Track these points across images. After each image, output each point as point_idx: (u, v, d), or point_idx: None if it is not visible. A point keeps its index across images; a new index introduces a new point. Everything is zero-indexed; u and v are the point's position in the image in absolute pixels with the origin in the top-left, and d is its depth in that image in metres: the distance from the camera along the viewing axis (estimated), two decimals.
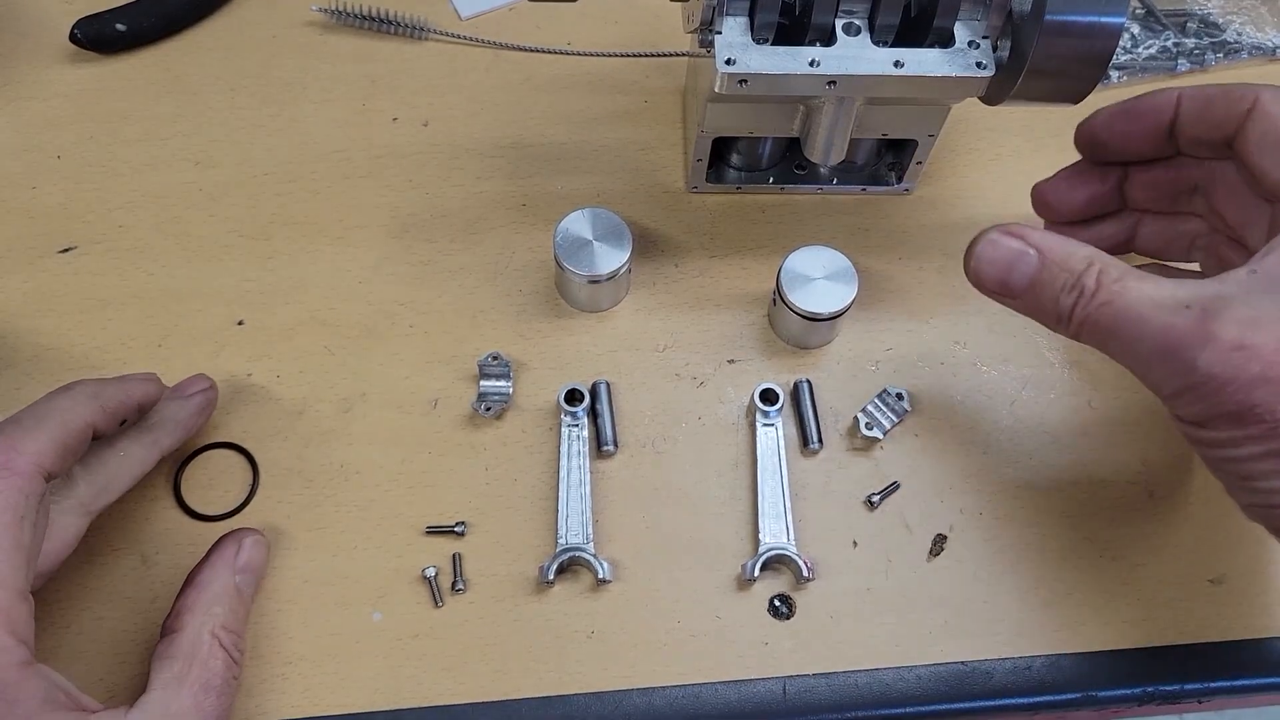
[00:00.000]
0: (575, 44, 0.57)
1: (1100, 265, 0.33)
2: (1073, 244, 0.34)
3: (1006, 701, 0.40)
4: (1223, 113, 0.36)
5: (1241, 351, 0.29)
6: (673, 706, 0.40)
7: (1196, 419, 0.31)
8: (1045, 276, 0.34)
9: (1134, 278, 0.32)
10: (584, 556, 0.41)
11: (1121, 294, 0.32)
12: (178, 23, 0.56)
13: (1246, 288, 0.31)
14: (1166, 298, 0.31)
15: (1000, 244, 0.35)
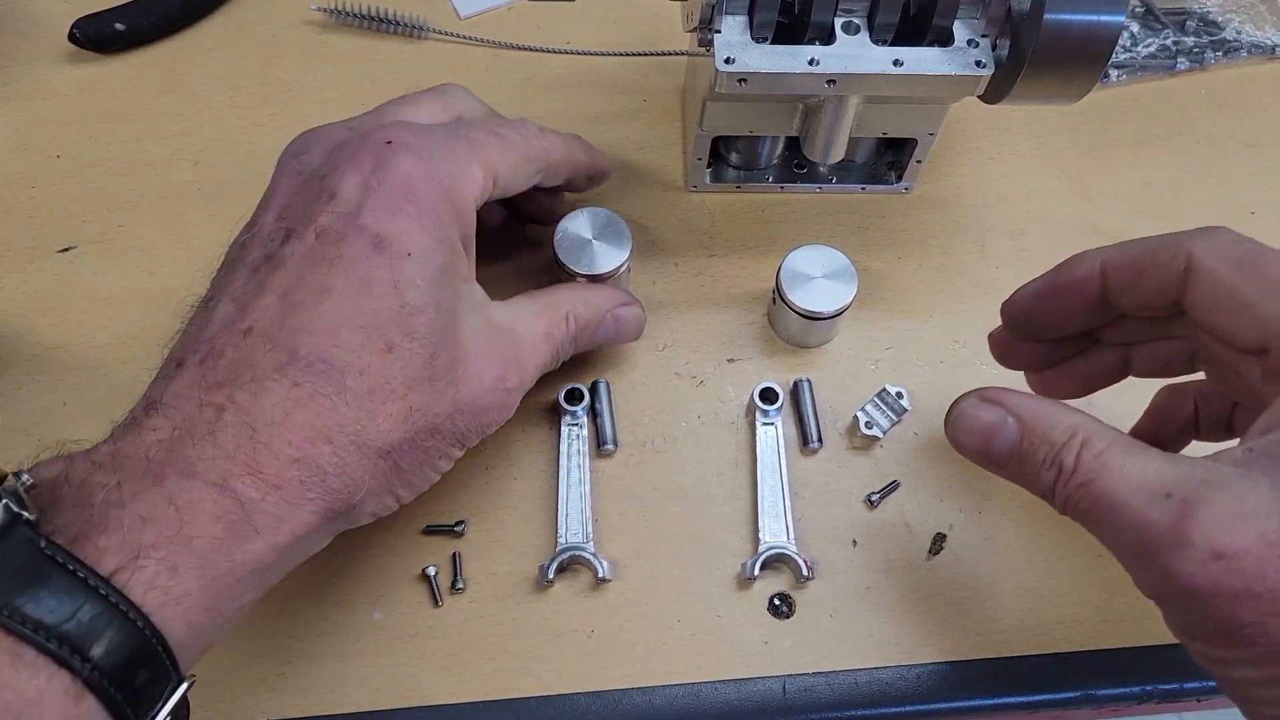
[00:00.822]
0: (575, 43, 0.56)
1: (1083, 436, 0.29)
2: (1057, 411, 0.30)
3: (1006, 700, 0.40)
4: (1156, 281, 0.31)
5: (1220, 562, 0.25)
6: (672, 705, 0.40)
7: (1184, 630, 0.27)
8: (1026, 448, 0.30)
9: (1118, 452, 0.28)
10: (584, 555, 0.41)
11: (1100, 475, 0.28)
12: (177, 22, 0.56)
13: (1239, 470, 0.26)
14: (1149, 482, 0.27)
15: (976, 414, 0.31)
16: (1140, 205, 0.53)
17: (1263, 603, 0.24)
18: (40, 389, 0.45)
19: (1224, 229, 0.31)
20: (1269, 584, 0.24)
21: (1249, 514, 0.25)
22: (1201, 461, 0.27)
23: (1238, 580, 0.25)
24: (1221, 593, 0.25)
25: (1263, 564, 0.24)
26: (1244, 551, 0.24)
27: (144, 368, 0.45)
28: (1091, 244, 0.34)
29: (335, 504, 0.31)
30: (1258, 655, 0.25)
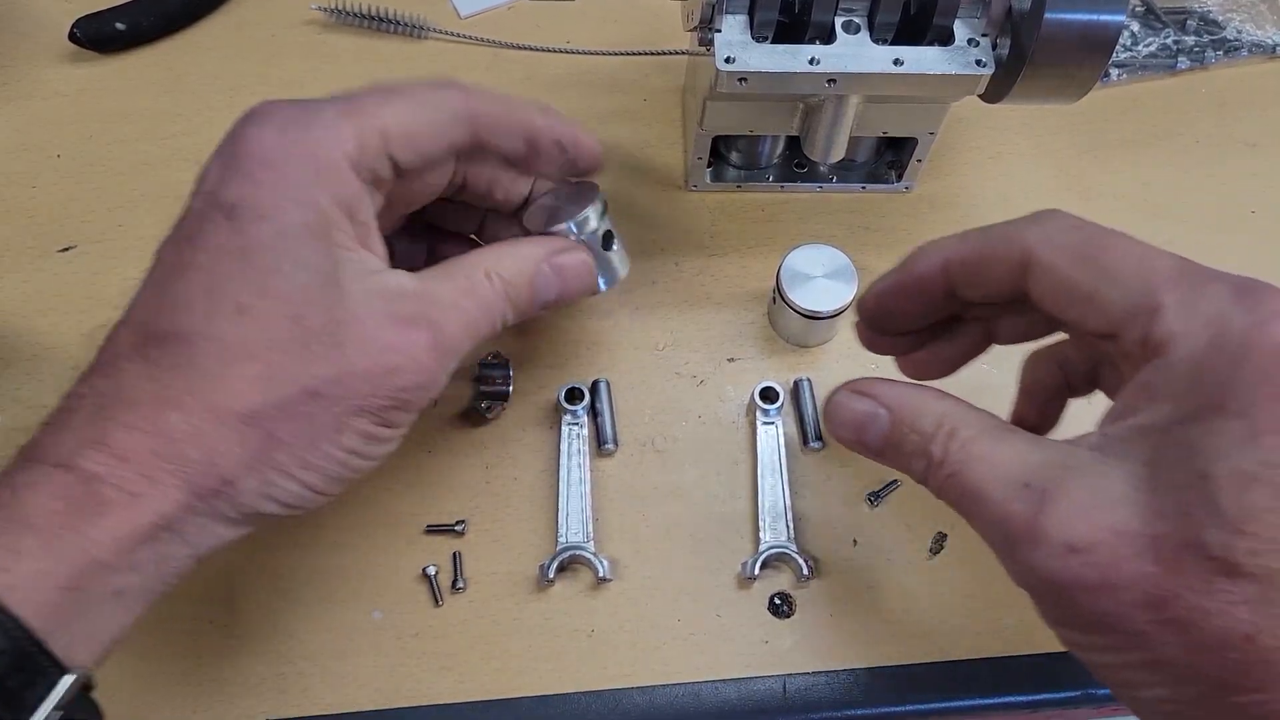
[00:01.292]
0: (575, 42, 0.56)
1: (949, 426, 0.29)
2: (926, 400, 0.30)
3: (1007, 699, 0.40)
4: (997, 276, 0.31)
5: (1075, 555, 0.25)
6: (673, 705, 0.40)
7: (1052, 619, 0.27)
8: (896, 438, 0.30)
9: (983, 441, 0.28)
10: (584, 555, 0.41)
11: (966, 465, 0.28)
12: (177, 22, 0.56)
13: (1094, 455, 0.26)
14: (1011, 471, 0.27)
15: (849, 405, 0.31)
16: (1140, 204, 0.53)
17: (1120, 592, 0.25)
18: (40, 389, 0.45)
19: (1059, 214, 0.30)
20: (1124, 574, 0.24)
21: (1101, 504, 0.25)
22: (1061, 446, 0.27)
23: (1093, 572, 0.25)
24: (1080, 585, 0.25)
25: (1116, 554, 0.25)
26: (1098, 544, 0.25)
27: None
28: None
29: (199, 478, 0.29)
30: (1120, 642, 0.25)
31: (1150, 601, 0.24)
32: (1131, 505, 0.25)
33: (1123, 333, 0.27)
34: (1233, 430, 0.24)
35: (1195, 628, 0.24)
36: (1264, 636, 0.23)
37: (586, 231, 0.37)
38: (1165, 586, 0.24)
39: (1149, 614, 0.24)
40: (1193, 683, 0.25)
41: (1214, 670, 0.24)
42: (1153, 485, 0.25)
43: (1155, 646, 0.25)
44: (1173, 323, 0.26)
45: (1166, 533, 0.24)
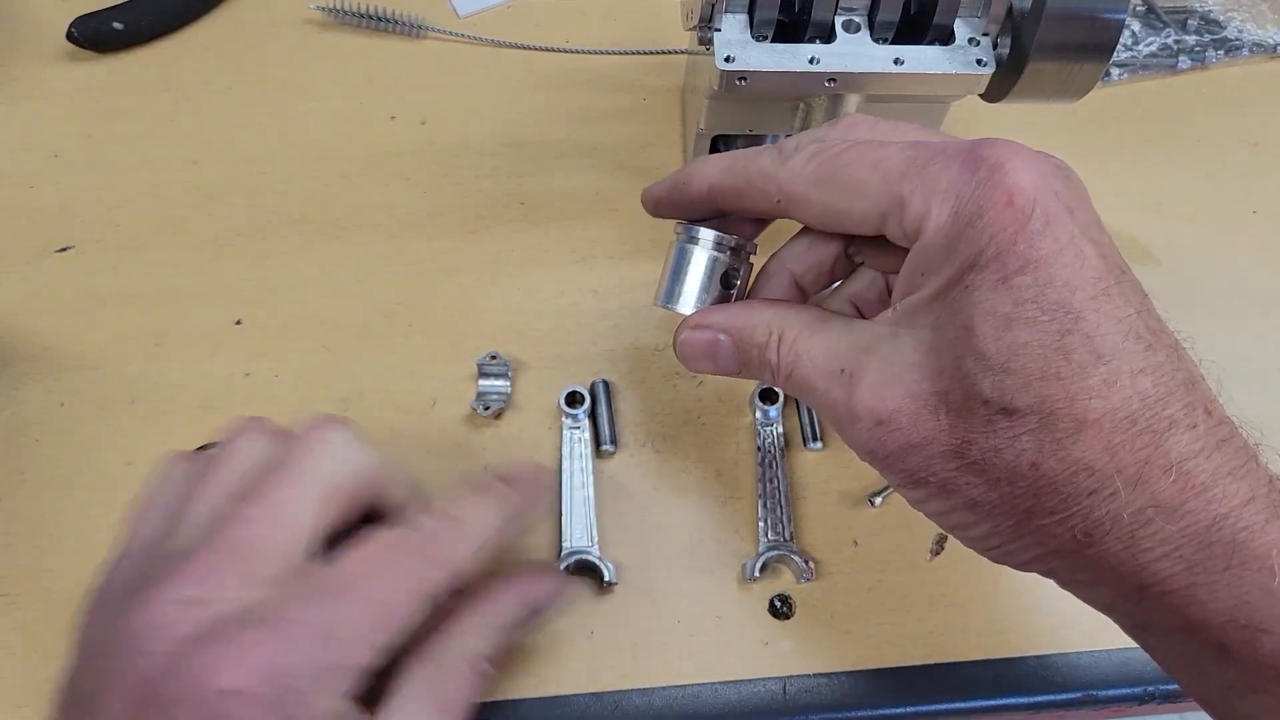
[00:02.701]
0: (574, 41, 0.56)
1: (778, 331, 0.32)
2: (755, 312, 0.33)
3: (1007, 701, 0.40)
4: (760, 207, 0.33)
5: (881, 426, 0.28)
6: (672, 707, 0.40)
7: (890, 482, 0.30)
8: (743, 357, 0.33)
9: (806, 337, 0.31)
10: (589, 559, 0.41)
11: (796, 362, 0.31)
12: (175, 21, 0.56)
13: (890, 329, 0.29)
14: (830, 360, 0.30)
15: (693, 339, 0.34)
16: (1141, 204, 0.53)
17: (923, 449, 0.28)
18: (38, 389, 0.45)
19: (806, 141, 0.31)
20: (923, 433, 0.27)
21: (898, 375, 0.28)
22: (867, 327, 0.30)
23: (900, 437, 0.28)
24: (891, 450, 0.28)
25: (915, 418, 0.28)
26: (897, 412, 0.28)
27: (142, 368, 0.46)
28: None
29: None
30: (937, 492, 0.28)
31: (950, 452, 0.27)
32: (920, 370, 0.28)
33: (886, 230, 0.30)
34: (985, 280, 0.26)
35: (990, 466, 0.27)
36: (1047, 461, 0.26)
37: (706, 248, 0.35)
38: (958, 435, 0.27)
39: (953, 463, 0.27)
40: (1005, 515, 0.27)
41: (1016, 501, 0.27)
42: (934, 348, 0.28)
43: (965, 490, 0.27)
44: (917, 208, 0.28)
45: (949, 387, 0.27)
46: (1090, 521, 0.26)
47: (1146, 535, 0.26)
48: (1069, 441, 0.26)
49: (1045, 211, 0.27)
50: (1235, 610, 0.25)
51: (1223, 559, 0.25)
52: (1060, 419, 0.26)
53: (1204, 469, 0.25)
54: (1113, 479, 0.25)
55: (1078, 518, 0.26)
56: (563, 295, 0.49)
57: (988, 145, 0.28)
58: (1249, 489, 0.25)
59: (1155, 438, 0.25)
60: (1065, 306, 0.26)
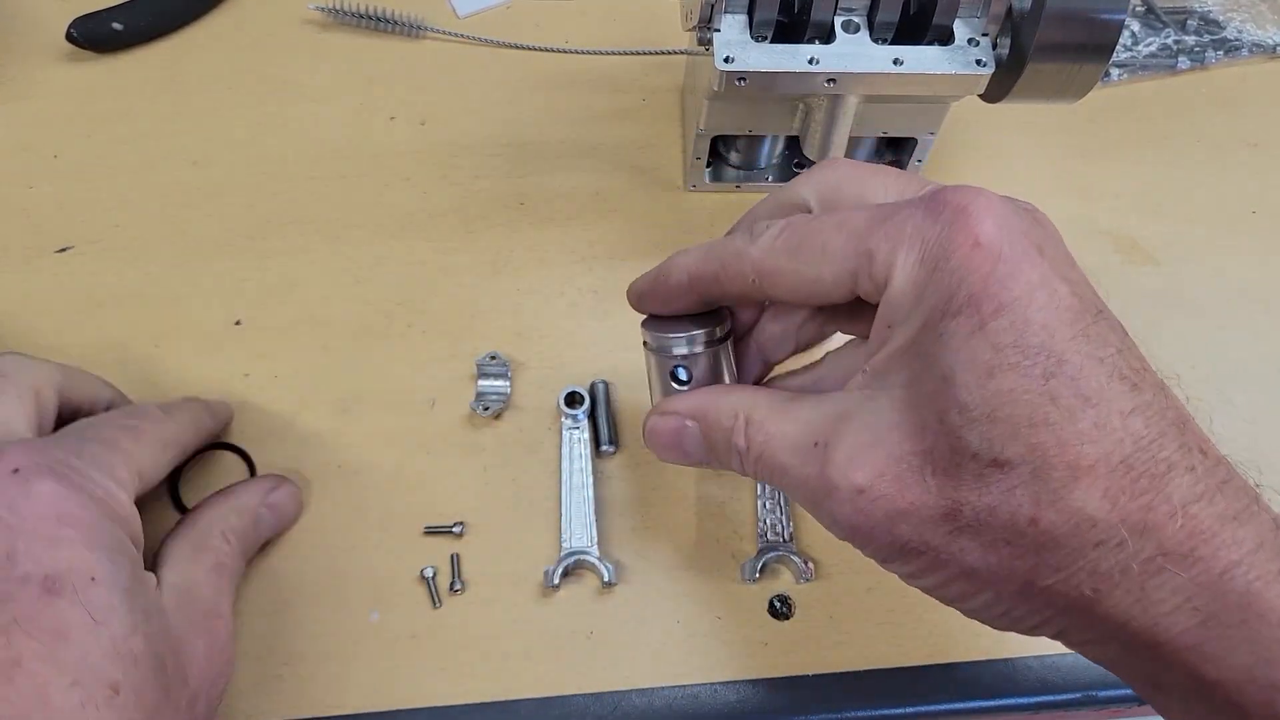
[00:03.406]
0: (573, 42, 0.56)
1: (745, 414, 0.30)
2: (721, 397, 0.31)
3: (1007, 701, 0.40)
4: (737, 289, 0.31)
5: (862, 495, 0.26)
6: (672, 707, 0.40)
7: (876, 558, 0.28)
8: (710, 442, 0.31)
9: (775, 417, 0.29)
10: (589, 560, 0.41)
11: (765, 444, 0.29)
12: (174, 21, 0.56)
13: (864, 394, 0.27)
14: (800, 436, 0.28)
15: (660, 426, 0.32)
16: (1141, 205, 0.53)
17: (910, 517, 0.25)
18: None
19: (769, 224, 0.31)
20: (909, 499, 0.25)
21: (876, 438, 0.26)
22: (837, 397, 0.28)
23: (883, 505, 0.26)
24: (875, 521, 0.26)
25: (898, 482, 0.25)
26: (879, 477, 0.26)
27: (141, 369, 0.45)
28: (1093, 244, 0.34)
29: None
30: (930, 563, 0.26)
31: (941, 516, 0.25)
32: (900, 429, 0.26)
33: (859, 289, 0.28)
34: (959, 327, 0.25)
35: (986, 527, 0.25)
36: (1046, 514, 0.24)
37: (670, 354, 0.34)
38: (948, 496, 0.25)
39: (944, 528, 0.25)
40: (1006, 581, 0.25)
41: (1018, 563, 0.25)
42: (912, 404, 0.26)
43: (961, 558, 0.25)
44: (884, 260, 0.27)
45: (933, 444, 0.25)
46: (1098, 575, 0.24)
47: (1157, 586, 0.24)
48: (1066, 491, 0.24)
49: (1014, 251, 0.25)
50: (1253, 668, 0.23)
51: (1237, 611, 0.23)
52: (1054, 467, 0.24)
53: (1209, 514, 0.24)
54: (1117, 528, 0.24)
55: (1084, 572, 0.24)
56: (563, 295, 0.49)
57: (950, 190, 0.27)
58: (1256, 534, 0.24)
59: (1155, 481, 0.24)
60: (1046, 349, 0.24)
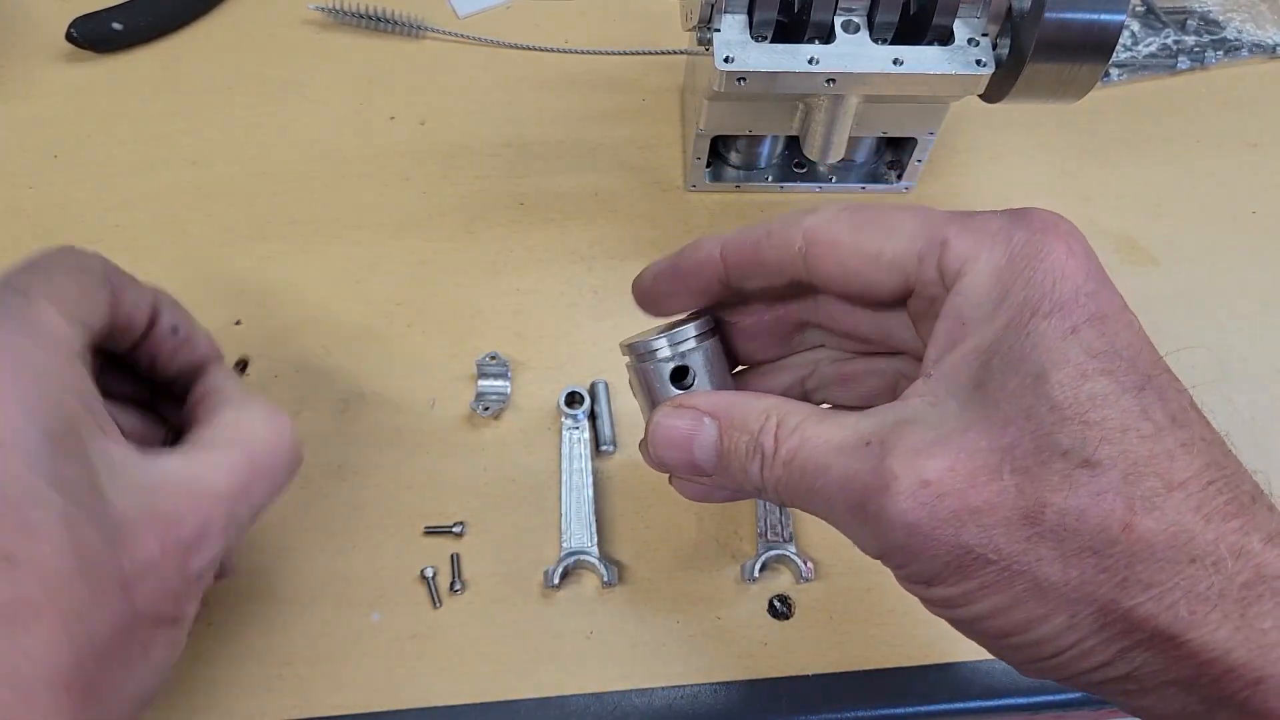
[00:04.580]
0: (573, 42, 0.56)
1: (778, 417, 0.27)
2: (749, 399, 0.29)
3: (1007, 701, 0.40)
4: (775, 259, 0.29)
5: (928, 488, 0.23)
6: (672, 707, 0.40)
7: (919, 579, 0.26)
8: (727, 445, 0.28)
9: (814, 421, 0.27)
10: (589, 560, 0.41)
11: (800, 445, 0.27)
12: (174, 21, 0.56)
13: (925, 400, 0.26)
14: (848, 437, 0.26)
15: (672, 422, 0.29)
16: (1141, 204, 0.53)
17: (984, 516, 0.23)
18: None
19: (829, 204, 0.30)
20: (985, 495, 0.23)
21: (944, 437, 0.24)
22: (889, 407, 0.26)
23: (952, 502, 0.23)
24: (940, 520, 0.23)
25: (971, 479, 0.23)
26: (949, 472, 0.23)
27: None
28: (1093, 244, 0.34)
29: None
30: (995, 576, 0.23)
31: (1019, 517, 0.23)
32: (974, 427, 0.24)
33: (918, 277, 0.27)
34: (1052, 328, 0.24)
35: (1071, 532, 0.23)
36: (1141, 520, 0.22)
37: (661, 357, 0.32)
38: (1029, 495, 0.23)
39: (1021, 531, 0.23)
40: (1084, 601, 0.23)
41: (1102, 578, 0.23)
42: (990, 401, 0.24)
43: (1035, 570, 0.23)
44: (962, 248, 0.26)
45: (1015, 440, 0.23)
46: (1194, 596, 0.22)
47: (1259, 615, 0.22)
48: (1161, 500, 0.22)
49: (1100, 272, 0.25)
50: None
51: None
52: (1147, 476, 0.22)
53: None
54: (1215, 545, 0.22)
55: (1179, 591, 0.22)
56: (562, 295, 0.49)
57: (1032, 209, 0.26)
58: None
59: (1243, 509, 0.23)
60: (1135, 365, 0.24)
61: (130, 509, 0.27)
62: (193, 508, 0.29)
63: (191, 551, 0.28)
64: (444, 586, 0.41)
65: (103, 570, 0.26)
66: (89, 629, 0.25)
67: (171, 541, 0.28)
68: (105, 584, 0.26)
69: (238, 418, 0.33)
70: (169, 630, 0.28)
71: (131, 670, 0.27)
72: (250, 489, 0.32)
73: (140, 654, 0.27)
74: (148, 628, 0.27)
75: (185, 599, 0.29)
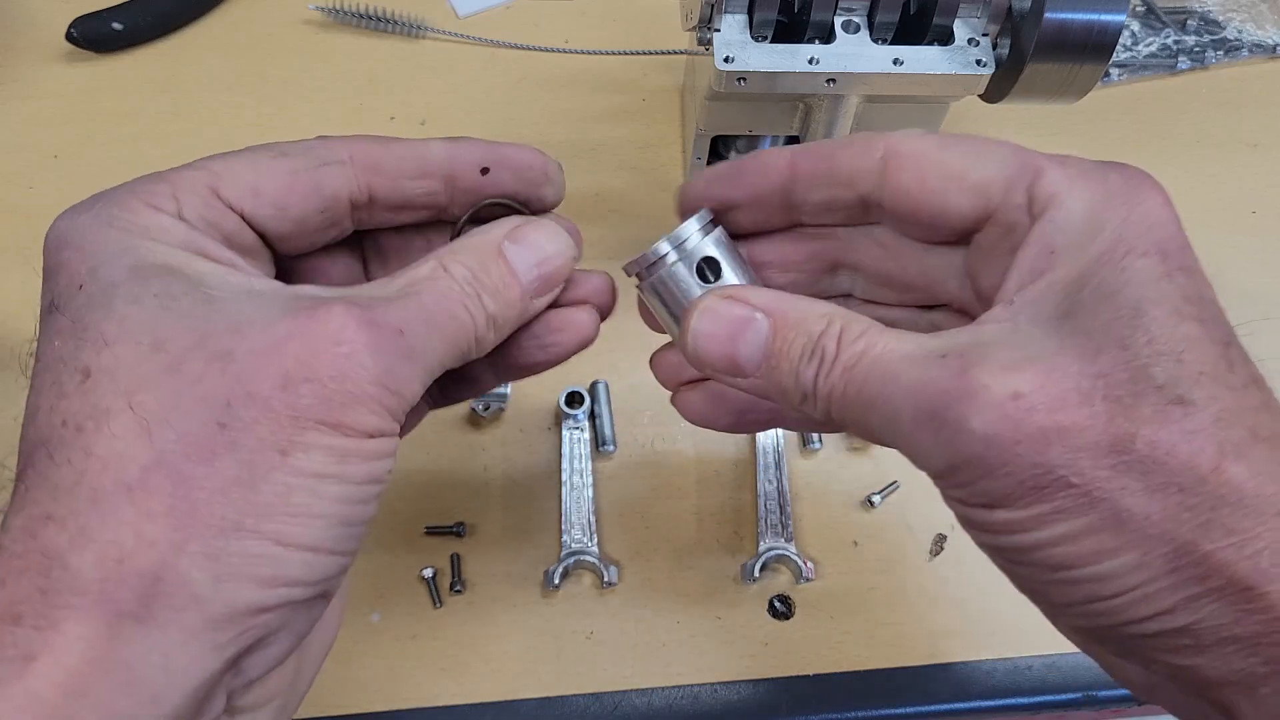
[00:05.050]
0: (573, 42, 0.56)
1: (841, 322, 0.26)
2: (808, 301, 0.27)
3: (1008, 702, 0.40)
4: (849, 169, 0.28)
5: (1019, 401, 0.22)
6: (672, 707, 0.40)
7: (984, 499, 0.24)
8: (779, 345, 0.27)
9: (879, 331, 0.26)
10: (589, 560, 0.41)
11: (866, 352, 0.25)
12: (174, 21, 0.56)
13: (1005, 326, 0.25)
14: (916, 350, 0.25)
15: (719, 312, 0.27)
16: None
17: (1072, 437, 0.22)
18: None
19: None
20: (1074, 417, 0.22)
21: (1033, 357, 0.23)
22: (965, 328, 0.25)
23: (1042, 417, 0.22)
24: (1026, 435, 0.22)
25: (1062, 398, 0.22)
26: (1039, 388, 0.22)
27: None
28: None
29: (110, 591, 0.21)
30: (1073, 501, 0.22)
31: (1107, 443, 0.22)
32: (1065, 352, 0.23)
33: (1003, 202, 0.26)
34: (1148, 268, 0.24)
35: (1159, 465, 0.22)
36: (1230, 464, 0.21)
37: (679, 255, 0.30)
38: (1119, 424, 0.22)
39: (1108, 459, 0.22)
40: (1160, 540, 0.22)
41: (1185, 516, 0.22)
42: (1081, 329, 0.23)
43: (1117, 499, 0.22)
44: (1059, 180, 0.26)
45: (1108, 368, 0.22)
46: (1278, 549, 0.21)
47: None
48: (1249, 449, 0.22)
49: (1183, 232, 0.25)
50: None
51: None
52: (1235, 425, 0.22)
53: None
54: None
55: (1263, 541, 0.21)
56: None
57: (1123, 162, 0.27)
58: None
59: None
60: (1219, 321, 0.24)
61: (246, 309, 0.25)
62: (332, 308, 0.25)
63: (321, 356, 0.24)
64: (444, 587, 0.41)
65: (188, 367, 0.23)
66: (169, 428, 0.23)
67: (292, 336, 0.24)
68: (194, 381, 0.23)
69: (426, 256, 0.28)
70: (317, 438, 0.24)
71: (255, 478, 0.23)
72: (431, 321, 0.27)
73: (270, 462, 0.23)
74: (274, 432, 0.23)
75: (337, 405, 0.24)
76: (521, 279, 0.29)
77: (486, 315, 0.28)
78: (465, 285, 0.28)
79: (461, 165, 0.30)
